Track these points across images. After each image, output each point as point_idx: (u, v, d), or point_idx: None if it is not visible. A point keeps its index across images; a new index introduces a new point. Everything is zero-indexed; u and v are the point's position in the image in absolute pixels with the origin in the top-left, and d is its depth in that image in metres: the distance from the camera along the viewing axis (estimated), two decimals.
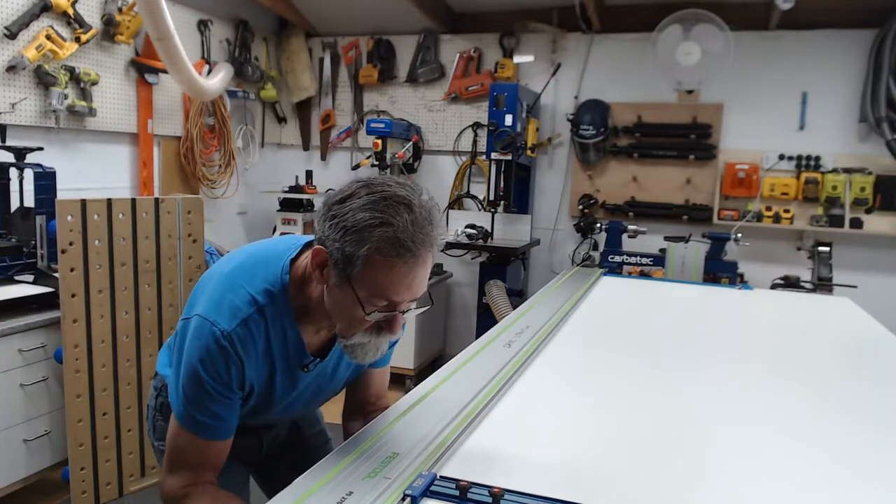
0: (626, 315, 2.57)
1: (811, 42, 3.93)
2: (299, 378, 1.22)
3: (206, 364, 1.07)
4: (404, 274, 1.01)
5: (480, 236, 3.94)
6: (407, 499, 0.95)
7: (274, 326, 1.12)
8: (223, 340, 1.07)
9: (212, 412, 1.10)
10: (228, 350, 1.07)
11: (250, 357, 1.10)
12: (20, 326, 2.42)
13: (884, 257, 3.92)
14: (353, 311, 1.04)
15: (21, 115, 2.97)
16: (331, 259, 1.02)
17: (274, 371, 1.16)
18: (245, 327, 1.09)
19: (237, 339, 1.08)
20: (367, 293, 1.02)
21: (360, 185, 1.04)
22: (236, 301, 1.10)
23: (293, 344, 1.16)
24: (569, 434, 1.29)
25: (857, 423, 1.43)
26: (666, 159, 4.18)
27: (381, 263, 0.99)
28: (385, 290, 1.02)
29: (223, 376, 1.08)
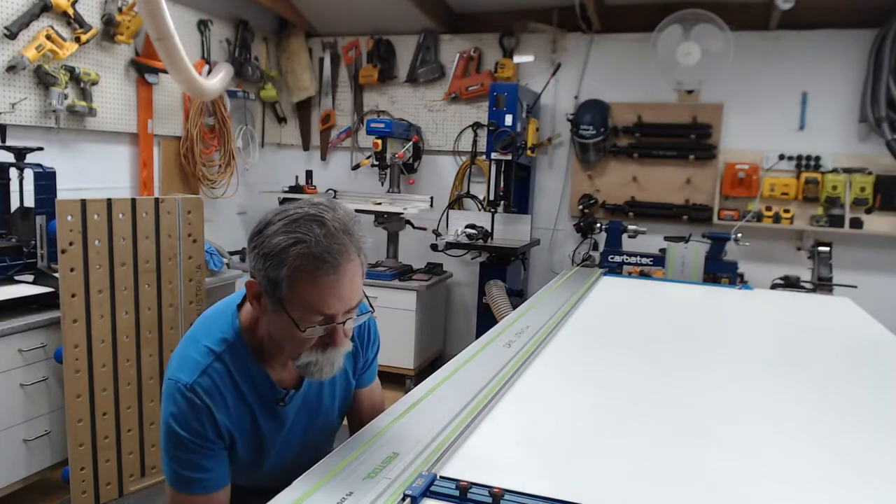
0: (626, 315, 2.57)
1: (811, 42, 3.93)
2: (281, 414, 1.24)
3: (178, 420, 1.12)
4: (330, 286, 1.04)
5: (480, 236, 3.94)
6: (407, 499, 0.95)
7: (238, 370, 1.17)
8: (188, 393, 1.11)
9: (197, 465, 1.13)
10: (194, 401, 1.11)
11: (219, 404, 1.14)
12: (20, 326, 2.42)
13: (884, 257, 3.92)
14: (293, 332, 1.07)
15: (21, 115, 2.97)
16: (261, 288, 1.08)
17: (254, 414, 1.20)
18: (206, 376, 1.13)
19: (200, 389, 1.12)
20: (299, 312, 1.06)
21: (274, 212, 1.09)
22: (195, 355, 1.16)
23: (262, 383, 1.20)
24: (569, 434, 1.29)
25: (856, 423, 1.43)
26: (666, 159, 4.18)
27: (303, 280, 1.03)
28: (315, 305, 1.05)
29: (197, 429, 1.12)
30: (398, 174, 4.46)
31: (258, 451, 1.24)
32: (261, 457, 1.25)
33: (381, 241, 4.43)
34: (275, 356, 1.20)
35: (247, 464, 1.23)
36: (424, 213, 4.26)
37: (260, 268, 1.06)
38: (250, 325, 1.19)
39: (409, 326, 4.05)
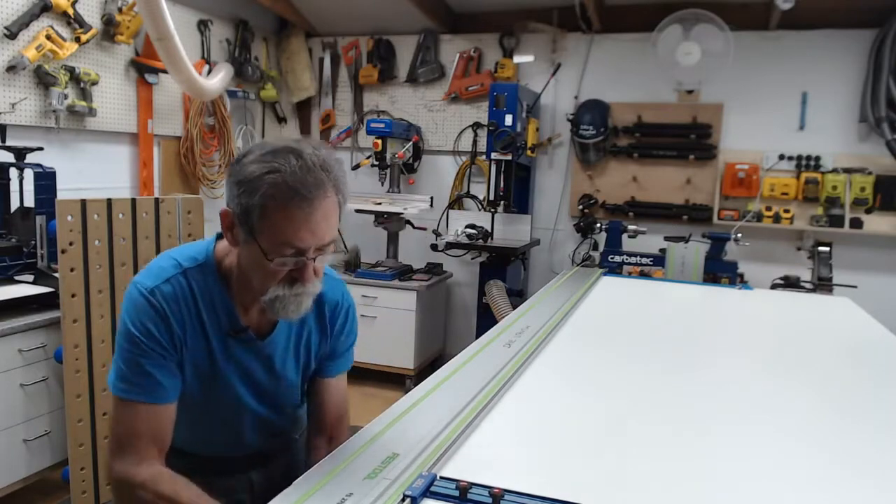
0: (626, 315, 2.57)
1: (811, 42, 3.93)
2: (236, 352, 1.20)
3: (134, 321, 1.11)
4: (302, 218, 1.02)
5: (480, 236, 3.94)
6: (407, 499, 0.95)
7: (201, 292, 1.15)
8: (148, 295, 1.11)
9: (147, 372, 1.10)
10: (154, 303, 1.11)
11: (175, 315, 1.12)
12: (20, 326, 2.42)
13: (884, 257, 3.92)
14: (262, 263, 1.06)
15: (21, 115, 2.97)
16: (234, 217, 1.06)
17: (209, 340, 1.17)
18: (168, 284, 1.13)
19: (160, 294, 1.12)
20: (269, 243, 1.04)
21: (255, 144, 1.08)
22: (162, 264, 1.16)
23: (222, 308, 1.17)
24: (569, 434, 1.29)
25: (856, 422, 1.43)
26: (666, 159, 4.18)
27: (274, 209, 1.01)
28: (285, 236, 1.03)
29: (152, 331, 1.11)
30: (398, 174, 4.46)
31: (208, 388, 1.20)
32: (211, 398, 1.21)
33: (381, 241, 4.43)
34: (243, 293, 1.17)
35: (197, 402, 1.19)
36: (424, 213, 4.26)
37: (234, 195, 1.04)
38: (224, 256, 1.18)
39: (409, 326, 4.05)
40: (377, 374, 4.09)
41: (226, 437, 1.29)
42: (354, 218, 4.25)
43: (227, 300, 1.17)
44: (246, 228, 1.05)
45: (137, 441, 1.10)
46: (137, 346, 1.10)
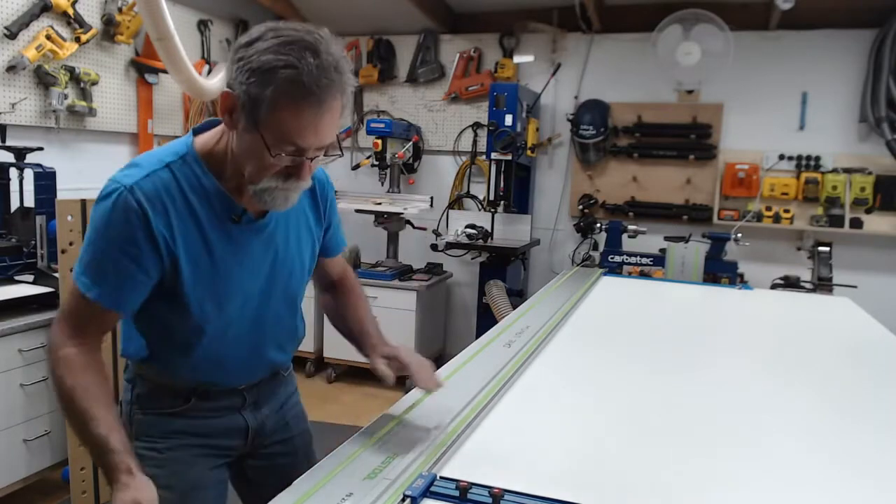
0: (626, 315, 2.57)
1: (811, 42, 3.93)
2: (236, 235, 1.15)
3: (110, 221, 1.06)
4: (310, 118, 1.00)
5: (480, 236, 3.94)
6: (407, 499, 0.95)
7: (188, 182, 1.11)
8: (125, 193, 1.05)
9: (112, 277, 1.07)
10: (129, 202, 1.05)
11: (157, 211, 1.07)
12: (20, 326, 2.42)
13: (884, 257, 3.92)
14: (261, 155, 1.03)
15: (21, 115, 2.97)
16: (238, 102, 1.02)
17: (203, 229, 1.12)
18: (149, 180, 1.07)
19: (139, 190, 1.06)
20: (273, 138, 1.01)
21: (267, 28, 1.03)
22: (141, 163, 1.10)
23: (214, 194, 1.12)
24: (569, 434, 1.29)
25: (856, 423, 1.43)
26: (666, 159, 4.19)
27: (285, 106, 0.99)
28: (291, 135, 1.01)
29: (126, 230, 1.05)
30: (398, 174, 4.46)
31: (213, 290, 1.15)
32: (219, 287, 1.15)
33: (381, 241, 4.43)
34: (232, 179, 1.13)
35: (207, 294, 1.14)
36: (424, 213, 4.26)
37: (242, 81, 1.00)
38: (208, 145, 1.14)
39: (409, 326, 4.05)
40: None
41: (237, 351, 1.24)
42: (354, 218, 4.25)
43: (218, 187, 1.13)
44: (250, 118, 1.01)
45: (80, 319, 1.09)
46: (107, 242, 1.06)
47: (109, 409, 1.05)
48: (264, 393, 1.34)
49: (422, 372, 1.28)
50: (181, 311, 1.15)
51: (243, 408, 1.31)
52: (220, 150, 1.13)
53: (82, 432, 1.04)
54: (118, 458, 1.00)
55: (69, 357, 1.07)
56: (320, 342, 4.24)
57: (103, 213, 1.06)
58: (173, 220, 1.08)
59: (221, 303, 1.17)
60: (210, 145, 1.13)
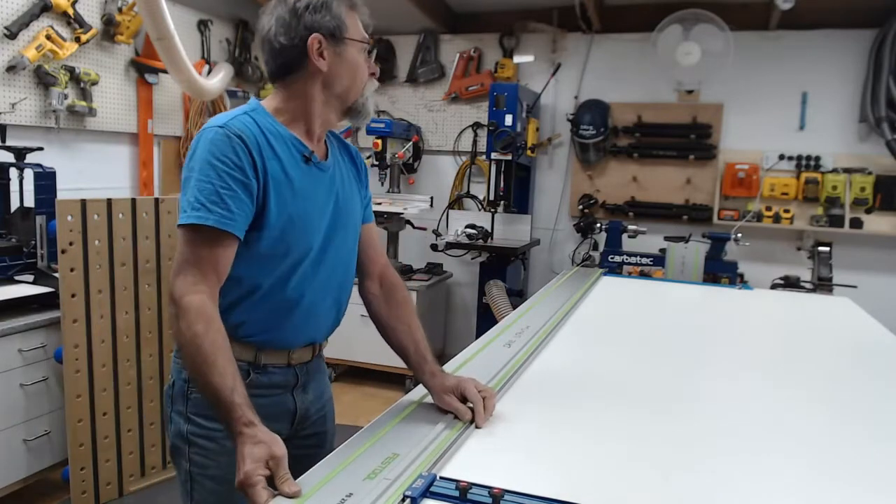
0: (626, 315, 2.57)
1: (811, 42, 3.93)
2: (308, 174, 1.27)
3: (213, 150, 1.15)
4: (363, 13, 1.29)
5: (480, 236, 3.94)
6: (407, 500, 0.95)
7: (265, 126, 1.23)
8: (223, 129, 1.17)
9: (221, 198, 1.14)
10: (230, 135, 1.16)
11: (251, 141, 1.18)
12: (20, 326, 2.42)
13: (884, 257, 3.92)
14: (358, 59, 1.26)
15: (21, 115, 2.97)
16: (323, 36, 1.22)
17: (282, 163, 1.22)
18: (236, 120, 1.20)
19: (235, 127, 1.18)
20: (359, 36, 1.26)
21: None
22: (223, 114, 1.24)
23: (289, 138, 1.25)
24: (569, 434, 1.29)
25: (856, 423, 1.43)
26: (666, 159, 4.19)
27: (350, 8, 1.26)
28: (362, 27, 1.28)
29: (232, 157, 1.15)
30: (398, 174, 4.46)
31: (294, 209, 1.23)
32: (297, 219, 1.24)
33: (382, 242, 4.41)
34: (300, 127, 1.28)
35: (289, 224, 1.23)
36: (424, 213, 4.26)
37: (317, 20, 1.21)
38: (271, 105, 1.28)
39: None
40: (377, 374, 4.09)
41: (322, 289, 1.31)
42: None
43: (287, 131, 1.26)
44: (337, 39, 1.23)
45: (199, 262, 1.13)
46: (215, 171, 1.14)
47: (233, 361, 1.09)
48: (312, 374, 1.40)
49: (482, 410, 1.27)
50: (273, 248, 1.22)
51: (295, 387, 1.35)
52: (282, 108, 1.27)
53: (206, 382, 1.06)
54: (241, 411, 1.03)
55: (195, 304, 1.10)
56: None
57: (205, 147, 1.16)
58: (262, 151, 1.19)
59: (302, 237, 1.25)
60: (273, 105, 1.28)
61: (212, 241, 1.14)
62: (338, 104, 1.29)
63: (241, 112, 1.23)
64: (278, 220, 1.21)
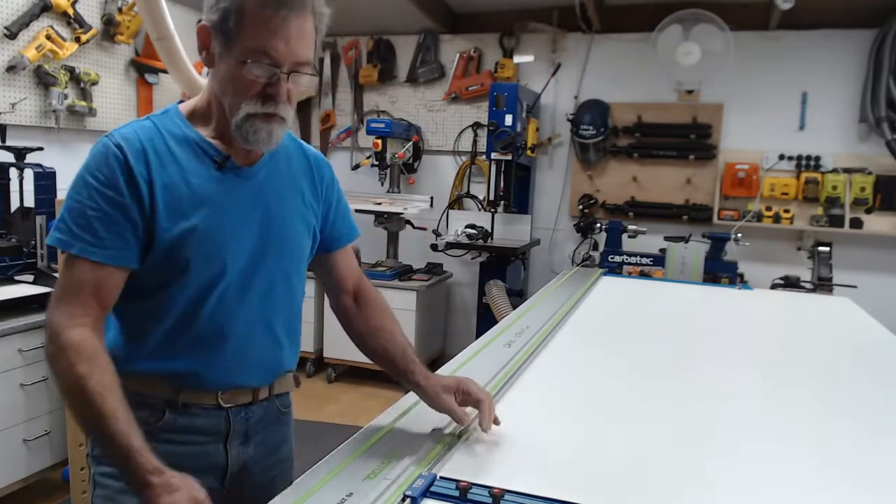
0: (626, 315, 2.57)
1: (811, 42, 3.93)
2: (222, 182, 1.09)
3: (89, 165, 1.04)
4: (277, 24, 1.00)
5: (480, 236, 3.94)
6: (407, 500, 0.95)
7: (169, 129, 1.08)
8: (107, 140, 1.05)
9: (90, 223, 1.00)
10: (110, 148, 1.03)
11: (137, 156, 1.03)
12: (20, 326, 2.42)
13: (884, 257, 3.92)
14: (238, 74, 1.02)
15: (21, 115, 2.97)
16: (210, 28, 1.04)
17: (184, 172, 1.06)
18: (129, 128, 1.07)
19: (120, 137, 1.04)
20: (245, 48, 1.01)
21: None
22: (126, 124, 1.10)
23: (197, 141, 1.09)
24: (569, 434, 1.29)
25: (857, 423, 1.43)
26: (666, 159, 4.18)
27: (252, 13, 1.00)
28: (259, 40, 1.00)
29: (104, 173, 1.02)
30: (398, 174, 4.46)
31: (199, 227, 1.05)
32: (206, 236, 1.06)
33: (381, 241, 4.43)
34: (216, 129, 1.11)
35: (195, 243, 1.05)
36: (424, 213, 4.26)
37: (212, 4, 1.03)
38: (190, 105, 1.14)
39: (409, 326, 4.05)
40: (377, 374, 4.07)
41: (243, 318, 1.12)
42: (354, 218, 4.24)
43: (200, 135, 1.10)
44: (222, 37, 1.02)
45: (77, 290, 1.00)
46: (87, 189, 1.02)
47: (123, 401, 0.94)
48: (259, 424, 1.18)
49: (489, 410, 1.19)
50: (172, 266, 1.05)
51: (229, 437, 1.13)
52: (201, 106, 1.12)
53: (97, 428, 0.92)
54: (143, 456, 0.89)
55: (75, 341, 0.95)
56: (320, 342, 4.24)
57: (86, 160, 1.05)
58: (152, 162, 1.04)
59: (211, 253, 1.07)
60: (191, 105, 1.14)
61: (85, 272, 1.00)
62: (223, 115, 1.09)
63: (146, 118, 1.10)
64: (170, 234, 1.03)
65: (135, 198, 1.02)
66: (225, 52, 1.03)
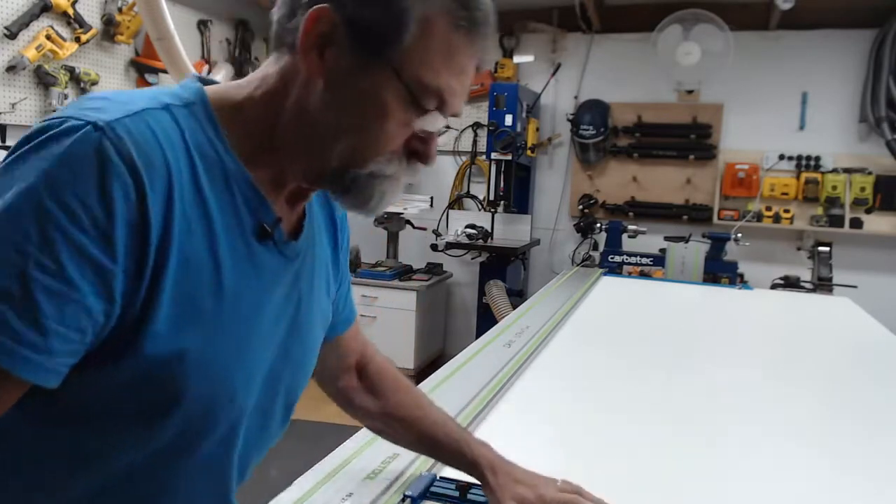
0: (627, 315, 2.57)
1: (811, 42, 3.93)
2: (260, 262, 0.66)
3: (56, 183, 0.51)
4: (465, 61, 0.64)
5: (480, 236, 3.94)
6: (407, 500, 0.95)
7: (196, 141, 0.61)
8: (99, 136, 0.53)
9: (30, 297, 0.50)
10: (107, 149, 0.53)
11: (157, 174, 0.56)
12: None
13: (884, 257, 3.92)
14: (388, 110, 0.62)
15: (21, 115, 2.97)
16: (346, 26, 0.61)
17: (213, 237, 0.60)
18: (141, 120, 0.57)
19: (130, 139, 0.55)
20: (416, 80, 0.62)
21: None
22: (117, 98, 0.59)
23: (235, 176, 0.63)
24: (568, 434, 1.29)
25: (857, 423, 1.43)
26: (666, 159, 4.18)
27: (441, 33, 0.61)
28: (441, 77, 0.63)
29: (92, 207, 0.52)
30: None
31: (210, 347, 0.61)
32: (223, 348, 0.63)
33: (381, 241, 4.43)
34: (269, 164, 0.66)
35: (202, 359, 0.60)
36: (424, 213, 4.26)
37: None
38: (229, 97, 0.66)
39: (409, 326, 4.05)
40: None
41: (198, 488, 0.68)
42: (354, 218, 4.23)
43: (240, 168, 0.64)
44: (373, 48, 0.61)
45: None
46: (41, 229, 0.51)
47: None
48: None
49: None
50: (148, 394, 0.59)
51: None
52: (243, 103, 0.65)
53: None
54: None
55: None
56: None
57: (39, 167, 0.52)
58: (176, 204, 0.57)
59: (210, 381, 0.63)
60: (224, 95, 0.66)
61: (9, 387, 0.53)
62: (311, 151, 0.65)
63: (162, 103, 0.60)
64: (166, 348, 0.58)
65: (129, 261, 0.55)
66: (369, 66, 0.62)
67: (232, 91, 0.67)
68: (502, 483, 0.88)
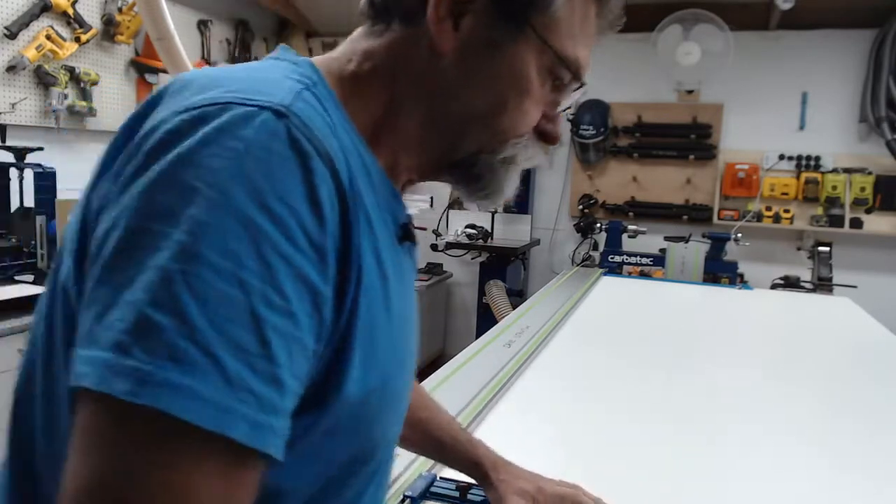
0: (626, 315, 2.57)
1: (811, 42, 3.93)
2: (404, 269, 0.57)
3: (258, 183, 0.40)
4: (596, 23, 0.58)
5: (480, 236, 3.94)
6: (407, 500, 0.95)
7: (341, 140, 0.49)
8: (284, 123, 0.43)
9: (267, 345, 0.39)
10: (301, 141, 0.43)
11: (350, 189, 0.47)
12: (20, 326, 2.41)
13: (884, 257, 3.92)
14: (532, 85, 0.56)
15: (21, 115, 2.97)
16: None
17: (377, 242, 0.51)
18: (310, 107, 0.47)
19: (310, 122, 0.45)
20: (562, 50, 0.55)
21: None
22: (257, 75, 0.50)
23: (375, 172, 0.54)
24: (568, 434, 1.29)
25: (857, 423, 1.43)
26: (666, 159, 4.18)
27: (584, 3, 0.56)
28: (579, 46, 0.57)
29: (299, 211, 0.42)
30: None
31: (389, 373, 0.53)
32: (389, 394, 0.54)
33: None
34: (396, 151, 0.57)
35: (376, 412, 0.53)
36: (424, 213, 4.25)
37: None
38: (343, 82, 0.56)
39: None
40: None
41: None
42: None
43: (376, 161, 0.55)
44: (517, 13, 0.53)
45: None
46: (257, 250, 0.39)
47: None
48: None
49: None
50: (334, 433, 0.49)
51: None
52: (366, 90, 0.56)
53: None
54: None
55: None
56: None
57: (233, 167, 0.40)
58: (349, 204, 0.47)
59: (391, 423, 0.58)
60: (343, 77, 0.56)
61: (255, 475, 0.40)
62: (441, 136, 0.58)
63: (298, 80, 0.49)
64: (363, 385, 0.49)
65: (334, 284, 0.45)
66: (510, 39, 0.54)
67: (335, 68, 0.56)
68: (504, 478, 0.87)
